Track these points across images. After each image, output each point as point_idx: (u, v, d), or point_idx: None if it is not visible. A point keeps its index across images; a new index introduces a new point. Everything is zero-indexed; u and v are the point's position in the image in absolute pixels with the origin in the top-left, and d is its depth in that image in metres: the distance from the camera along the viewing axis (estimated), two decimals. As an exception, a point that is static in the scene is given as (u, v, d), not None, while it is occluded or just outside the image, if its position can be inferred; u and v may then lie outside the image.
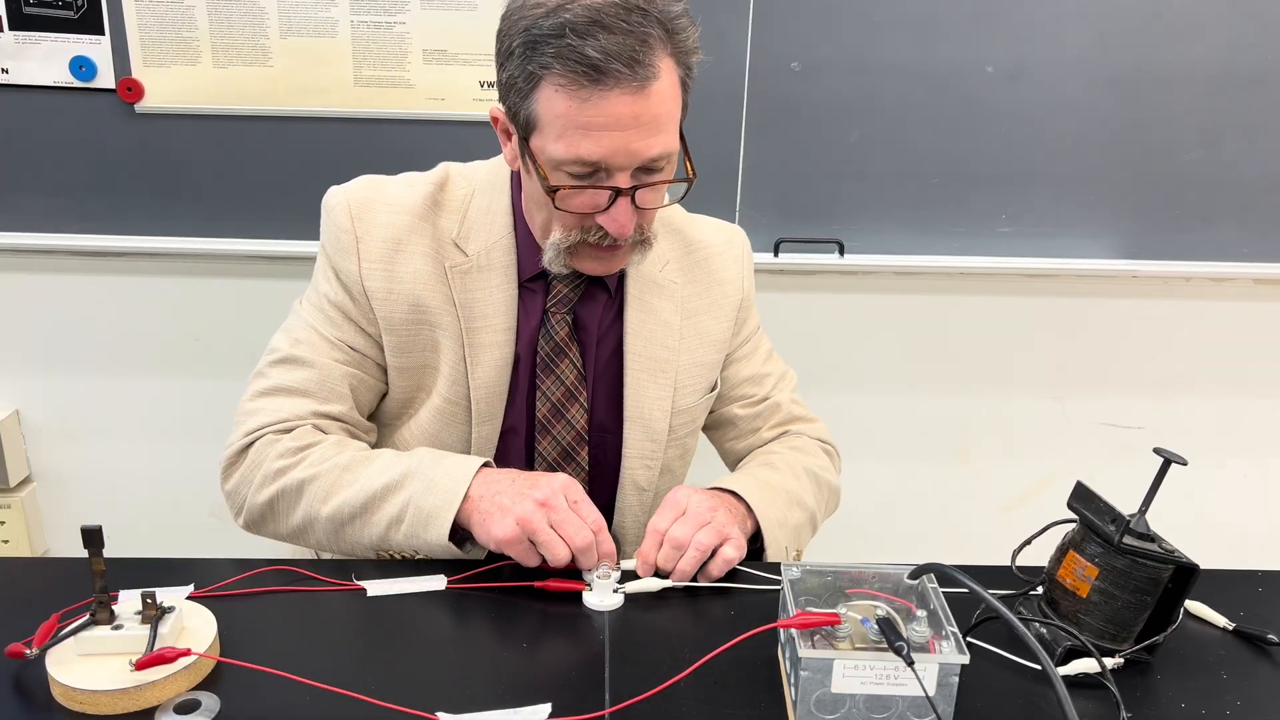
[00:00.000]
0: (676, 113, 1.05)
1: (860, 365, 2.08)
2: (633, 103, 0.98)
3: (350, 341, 1.15)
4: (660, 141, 1.02)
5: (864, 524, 2.20)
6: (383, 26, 1.78)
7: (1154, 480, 0.92)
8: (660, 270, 1.23)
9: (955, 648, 0.79)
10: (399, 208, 1.14)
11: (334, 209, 1.15)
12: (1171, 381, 2.13)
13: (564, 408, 1.19)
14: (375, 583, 1.00)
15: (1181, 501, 2.23)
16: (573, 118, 0.99)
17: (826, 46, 1.82)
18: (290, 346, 1.15)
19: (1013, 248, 1.96)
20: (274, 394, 1.13)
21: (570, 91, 0.98)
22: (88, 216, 1.87)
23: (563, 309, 1.17)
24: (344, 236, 1.13)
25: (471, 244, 1.15)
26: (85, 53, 1.77)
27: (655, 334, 1.22)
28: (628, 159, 1.01)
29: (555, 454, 1.20)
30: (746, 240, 1.34)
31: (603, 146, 0.99)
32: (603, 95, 0.97)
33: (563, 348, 1.18)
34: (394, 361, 1.16)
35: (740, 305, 1.29)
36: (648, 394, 1.22)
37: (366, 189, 1.16)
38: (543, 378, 1.18)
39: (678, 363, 1.23)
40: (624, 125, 0.99)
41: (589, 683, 0.87)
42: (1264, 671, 0.94)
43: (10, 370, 2.00)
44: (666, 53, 1.01)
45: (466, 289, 1.15)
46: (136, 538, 2.11)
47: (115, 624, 0.85)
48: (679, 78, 1.04)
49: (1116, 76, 1.85)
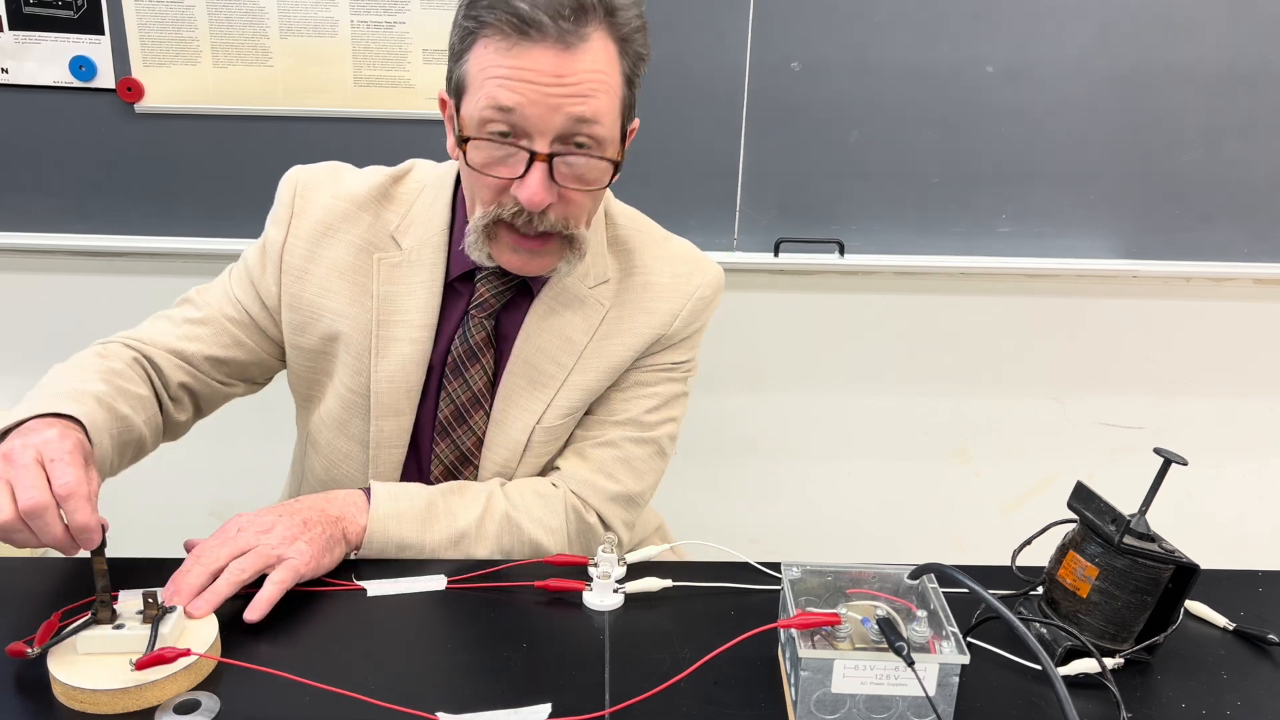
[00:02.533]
0: (610, 90, 1.01)
1: (860, 365, 2.08)
2: (556, 58, 0.96)
3: (246, 304, 1.18)
4: (585, 106, 0.98)
5: (864, 524, 2.21)
6: (383, 26, 1.78)
7: (1154, 480, 0.92)
8: (591, 287, 1.16)
9: (955, 648, 0.79)
10: (342, 194, 1.17)
11: (284, 184, 1.19)
12: (1171, 381, 2.13)
13: (467, 413, 1.16)
14: (375, 583, 1.00)
15: (1181, 501, 2.25)
16: (496, 68, 0.97)
17: (826, 46, 1.82)
18: (198, 291, 1.21)
19: (1013, 248, 1.96)
20: (159, 317, 1.19)
21: (496, 43, 0.97)
22: (88, 216, 1.87)
23: (483, 313, 1.14)
24: (282, 210, 1.17)
25: (407, 239, 1.15)
26: (85, 53, 1.77)
27: (549, 346, 1.16)
28: (544, 113, 0.97)
29: (452, 458, 1.18)
30: (710, 286, 1.20)
31: (519, 94, 0.97)
32: (527, 47, 0.96)
33: (476, 352, 1.15)
34: (291, 339, 1.18)
35: (656, 340, 1.18)
36: (516, 403, 1.16)
37: (321, 172, 1.19)
38: (450, 379, 1.16)
39: (564, 380, 1.16)
40: (545, 80, 0.97)
41: (589, 683, 0.87)
42: (1264, 671, 0.94)
43: (10, 370, 2.00)
44: (602, 29, 0.99)
45: (391, 281, 1.14)
46: (136, 538, 2.11)
47: (116, 623, 0.85)
48: (620, 65, 1.02)
49: (1117, 76, 1.85)
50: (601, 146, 1.02)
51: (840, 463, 2.16)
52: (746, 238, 1.93)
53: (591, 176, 1.04)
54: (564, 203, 1.04)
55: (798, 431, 2.14)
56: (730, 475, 2.16)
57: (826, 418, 2.13)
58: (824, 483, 2.18)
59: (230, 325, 1.18)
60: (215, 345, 1.17)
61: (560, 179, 1.02)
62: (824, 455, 2.15)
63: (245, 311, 1.18)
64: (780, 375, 2.09)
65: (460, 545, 1.09)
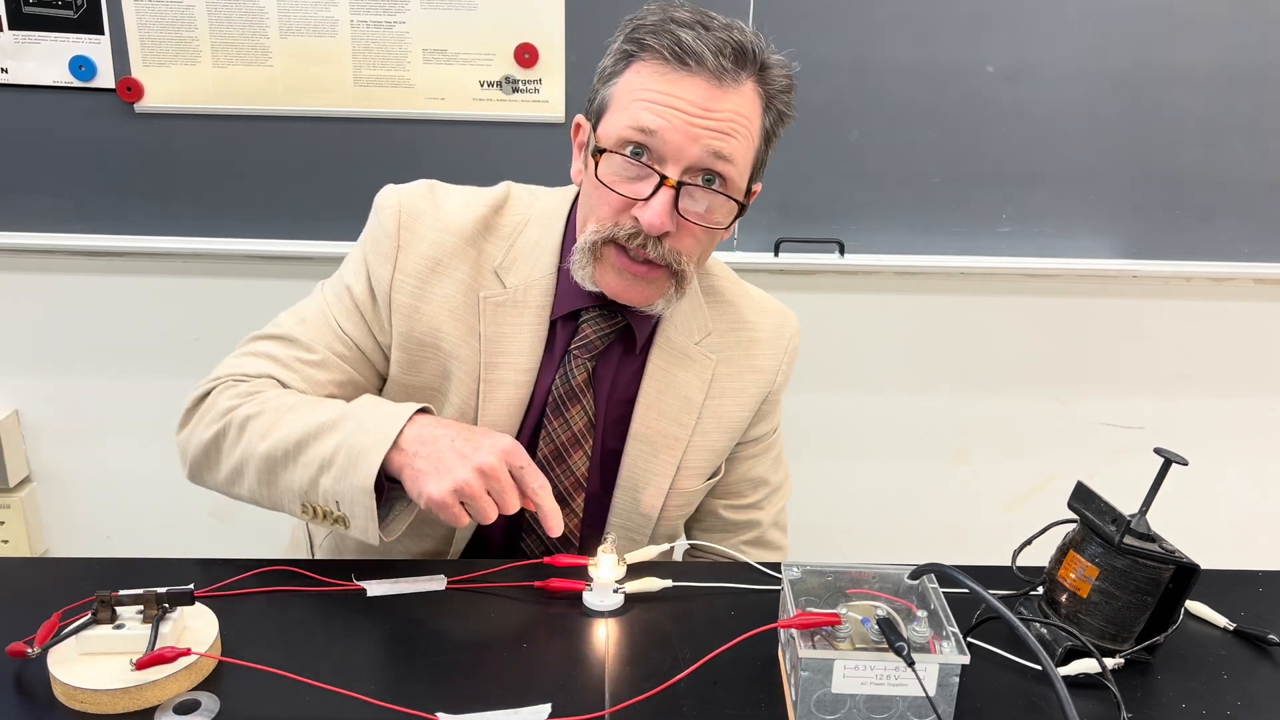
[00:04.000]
0: (749, 136, 1.02)
1: (860, 365, 2.08)
2: (707, 92, 0.98)
3: (358, 340, 1.12)
4: (724, 144, 1.00)
5: (864, 524, 2.21)
6: (383, 26, 1.78)
7: (1154, 480, 0.92)
8: (697, 342, 1.17)
9: (955, 648, 0.79)
10: (448, 228, 1.12)
11: (384, 210, 1.12)
12: (1171, 381, 2.13)
13: (567, 453, 1.15)
14: (375, 583, 1.00)
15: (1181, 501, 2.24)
16: (647, 90, 0.99)
17: (826, 46, 1.82)
18: (293, 326, 1.12)
19: (1013, 248, 1.96)
20: (257, 357, 1.11)
21: (652, 68, 0.99)
22: (88, 216, 1.87)
23: (586, 354, 1.12)
24: (386, 242, 1.11)
25: (512, 276, 1.12)
26: (85, 52, 1.77)
27: (670, 408, 1.16)
28: (684, 141, 0.99)
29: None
30: (798, 330, 1.26)
31: (664, 119, 0.98)
32: (682, 76, 0.98)
33: (577, 393, 1.13)
34: (399, 378, 1.13)
35: (767, 397, 1.22)
36: (647, 468, 1.17)
37: (422, 199, 1.13)
38: (551, 419, 1.14)
39: (688, 442, 1.17)
40: (692, 110, 0.98)
41: (589, 683, 0.87)
42: (1264, 671, 0.94)
43: (10, 370, 2.00)
44: (754, 80, 1.02)
45: (496, 322, 1.11)
46: (137, 538, 2.12)
47: (117, 623, 0.85)
48: (762, 118, 1.04)
49: (1117, 76, 1.85)
50: (729, 187, 1.03)
51: (840, 462, 2.16)
52: (746, 237, 1.93)
53: (715, 214, 1.04)
54: (680, 235, 1.04)
55: (798, 431, 2.13)
56: (730, 475, 2.16)
57: (826, 418, 2.12)
58: (824, 482, 2.17)
59: (341, 362, 1.12)
60: (332, 386, 1.11)
61: (685, 210, 1.02)
62: (824, 455, 2.15)
63: (356, 347, 1.12)
64: (780, 375, 2.09)
65: None
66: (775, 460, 1.30)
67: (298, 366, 1.09)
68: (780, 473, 1.32)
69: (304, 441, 1.00)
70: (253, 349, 1.12)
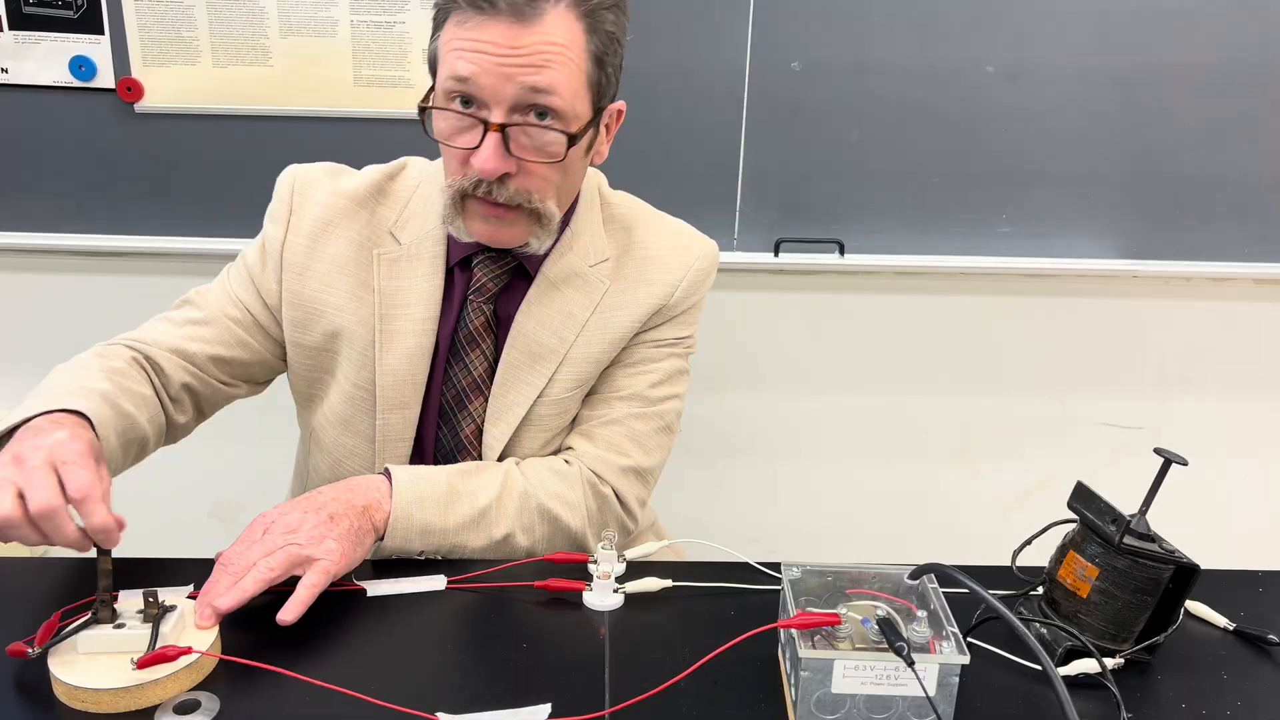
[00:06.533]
0: (569, 62, 1.02)
1: (861, 365, 2.08)
2: (510, 30, 0.99)
3: (248, 303, 1.19)
4: (540, 76, 1.00)
5: (864, 524, 2.21)
6: (383, 26, 1.78)
7: (1154, 480, 0.92)
8: (591, 265, 1.18)
9: (955, 648, 0.79)
10: (339, 192, 1.18)
11: (281, 182, 1.20)
12: (1171, 381, 2.13)
13: (468, 398, 1.17)
14: (375, 583, 1.00)
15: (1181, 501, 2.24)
16: (457, 40, 1.01)
17: (826, 46, 1.82)
18: (201, 291, 1.22)
19: (1013, 248, 1.96)
20: (159, 319, 1.20)
21: (459, 19, 1.01)
22: (87, 216, 1.87)
23: (481, 297, 1.16)
24: (280, 207, 1.18)
25: (406, 233, 1.17)
26: (85, 52, 1.77)
27: (550, 321, 1.17)
28: (497, 82, 1.00)
29: (451, 444, 1.19)
30: (708, 257, 1.23)
31: (474, 64, 1.00)
32: (483, 21, 1.00)
33: (476, 337, 1.16)
34: (293, 337, 1.19)
35: (657, 311, 1.19)
36: (518, 378, 1.17)
37: (318, 170, 1.21)
38: (452, 365, 1.17)
39: (564, 354, 1.17)
40: (499, 50, 1.00)
41: (589, 683, 0.87)
42: (1264, 671, 0.94)
43: (10, 370, 2.00)
44: (563, 4, 1.02)
45: (392, 276, 1.16)
46: (136, 538, 2.11)
47: (117, 623, 0.85)
48: (585, 41, 1.04)
49: (1116, 76, 1.85)
50: (561, 119, 1.04)
51: (840, 463, 2.16)
52: (747, 237, 1.93)
53: (549, 148, 1.05)
54: (525, 174, 1.06)
55: (798, 431, 2.14)
56: (730, 475, 2.16)
57: (827, 417, 2.13)
58: (824, 483, 2.18)
59: (232, 325, 1.18)
60: (218, 345, 1.17)
61: (518, 150, 1.04)
62: (824, 455, 2.15)
63: (247, 310, 1.19)
64: (780, 375, 2.09)
65: (481, 524, 1.09)
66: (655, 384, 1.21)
67: (183, 325, 1.18)
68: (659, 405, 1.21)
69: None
70: (164, 313, 1.21)
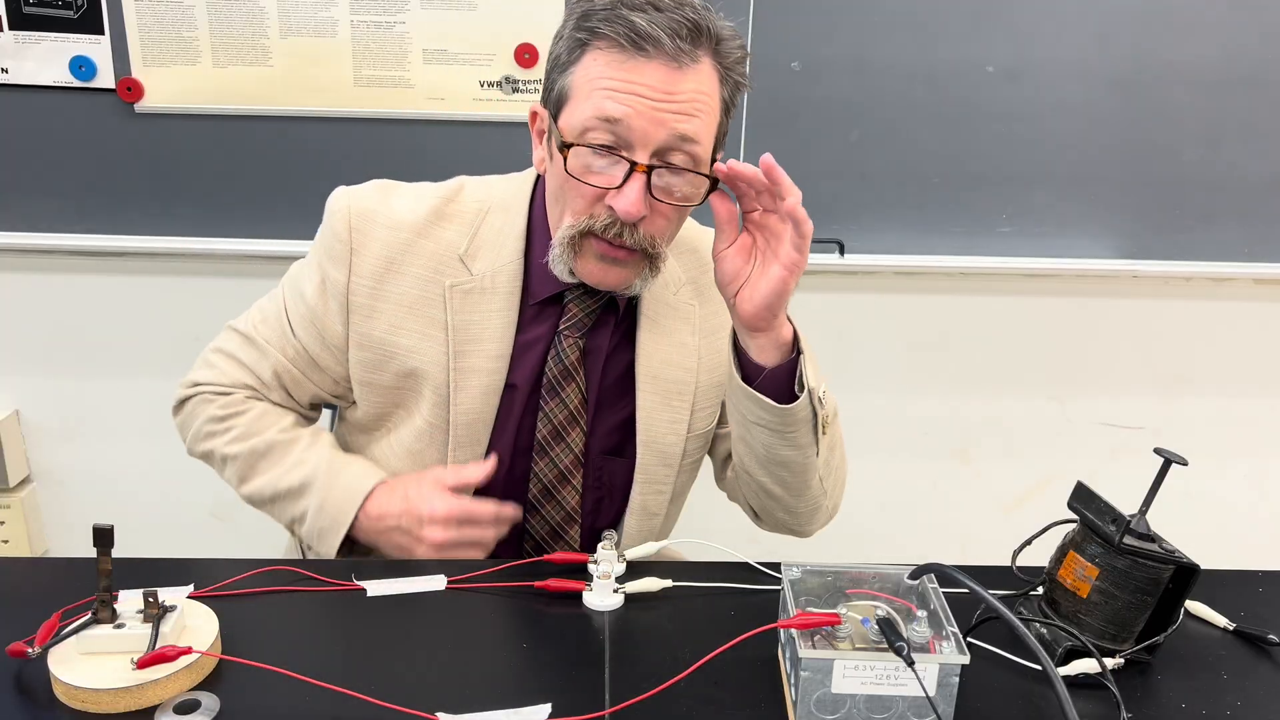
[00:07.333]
0: (711, 113, 1.03)
1: (860, 365, 2.08)
2: (667, 75, 0.98)
3: (308, 345, 1.16)
4: (689, 125, 1.00)
5: (864, 524, 2.20)
6: (383, 26, 1.78)
7: (1154, 480, 0.92)
8: (674, 294, 1.19)
9: (955, 648, 0.79)
10: (399, 224, 1.13)
11: (335, 215, 1.14)
12: (1171, 381, 2.13)
13: (565, 431, 1.16)
14: (375, 583, 1.00)
15: (1181, 501, 2.24)
16: (606, 79, 0.99)
17: (826, 46, 1.82)
18: (254, 327, 1.20)
19: (1013, 248, 1.96)
20: (227, 357, 1.20)
21: (610, 55, 0.99)
22: (88, 216, 1.87)
23: (576, 333, 1.14)
24: (339, 246, 1.13)
25: (479, 263, 1.13)
26: (85, 52, 1.77)
27: (671, 356, 1.18)
28: (650, 127, 0.99)
29: (551, 476, 1.18)
30: None
31: (628, 106, 0.98)
32: (641, 62, 0.98)
33: (571, 371, 1.15)
34: (363, 377, 1.15)
35: None
36: (661, 418, 1.19)
37: (372, 199, 1.15)
38: (547, 399, 1.15)
39: (696, 384, 1.19)
40: (655, 95, 0.98)
41: (589, 683, 0.87)
42: (1264, 671, 0.94)
43: (10, 370, 2.00)
44: (710, 56, 1.02)
45: (465, 310, 1.13)
46: (136, 538, 2.11)
47: (117, 623, 0.85)
48: (720, 92, 1.04)
49: (1116, 76, 1.85)
50: (698, 165, 1.04)
51: (840, 463, 2.16)
52: (746, 238, 1.93)
53: (686, 192, 1.05)
54: (654, 218, 1.05)
55: (798, 431, 2.14)
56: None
57: (826, 418, 2.12)
58: (824, 483, 2.17)
59: (291, 365, 1.18)
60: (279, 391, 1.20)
61: (655, 193, 1.03)
62: (824, 455, 2.15)
63: (305, 351, 1.17)
64: (780, 375, 2.09)
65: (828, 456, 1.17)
66: None
67: (256, 371, 1.19)
68: None
69: (276, 500, 1.15)
70: (226, 346, 1.21)
